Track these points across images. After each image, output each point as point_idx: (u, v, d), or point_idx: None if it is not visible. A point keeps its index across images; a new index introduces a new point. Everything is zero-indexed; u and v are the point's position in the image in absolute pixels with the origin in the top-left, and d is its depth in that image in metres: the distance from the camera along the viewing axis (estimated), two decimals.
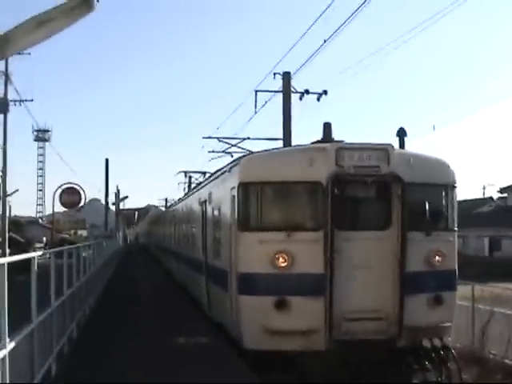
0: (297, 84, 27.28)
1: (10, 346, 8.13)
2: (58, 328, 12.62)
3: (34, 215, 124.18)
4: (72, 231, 58.87)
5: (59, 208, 38.82)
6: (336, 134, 14.99)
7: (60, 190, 35.50)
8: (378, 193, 13.99)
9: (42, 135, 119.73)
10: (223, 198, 16.00)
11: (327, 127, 14.90)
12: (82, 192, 35.70)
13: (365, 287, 13.38)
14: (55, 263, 12.76)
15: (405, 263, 13.31)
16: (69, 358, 13.80)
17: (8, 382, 7.91)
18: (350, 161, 13.48)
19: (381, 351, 13.30)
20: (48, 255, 13.26)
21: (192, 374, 12.41)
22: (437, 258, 13.92)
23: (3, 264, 7.99)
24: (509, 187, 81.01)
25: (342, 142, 14.46)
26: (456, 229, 14.78)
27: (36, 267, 10.25)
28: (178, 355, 14.33)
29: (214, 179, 19.05)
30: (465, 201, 74.29)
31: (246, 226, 13.91)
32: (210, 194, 19.14)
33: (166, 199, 79.05)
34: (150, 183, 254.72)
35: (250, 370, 12.86)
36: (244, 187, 14.00)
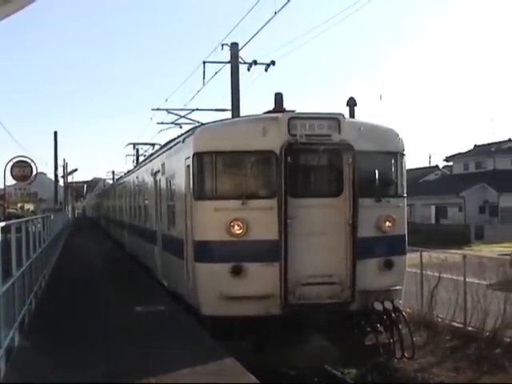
0: (246, 56, 27.38)
1: None
2: (19, 298, 12.70)
3: None
4: (19, 205, 58.13)
5: (8, 182, 38.45)
6: (286, 105, 15.20)
7: (11, 164, 35.18)
8: (329, 161, 14.27)
9: None
10: (177, 168, 16.13)
11: (278, 97, 15.03)
12: (33, 165, 35.49)
13: (318, 253, 13.66)
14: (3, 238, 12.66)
15: (356, 229, 13.63)
16: (30, 329, 13.91)
17: None
18: (302, 130, 13.72)
19: (334, 315, 13.67)
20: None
21: (153, 341, 12.64)
22: (387, 223, 14.28)
23: None
24: (454, 156, 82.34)
25: (293, 111, 14.68)
26: (405, 195, 15.19)
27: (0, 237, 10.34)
28: (137, 323, 14.50)
29: (166, 150, 19.13)
30: (411, 169, 75.33)
31: (202, 195, 14.09)
32: (162, 165, 19.25)
33: (113, 172, 78.52)
34: (98, 156, 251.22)
35: (209, 336, 13.12)
36: (199, 157, 14.15)
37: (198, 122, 23.29)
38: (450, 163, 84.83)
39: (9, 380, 10.02)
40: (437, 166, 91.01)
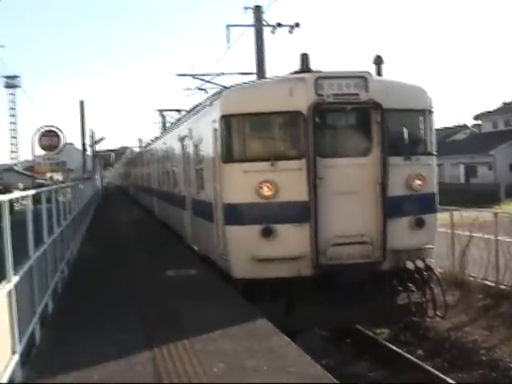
0: (272, 18, 27.32)
1: (15, 279, 8.29)
2: (51, 265, 12.76)
3: (7, 163, 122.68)
4: (48, 175, 58.70)
5: (37, 153, 38.48)
6: (313, 66, 15.02)
7: (39, 134, 35.18)
8: (357, 120, 14.15)
9: (11, 81, 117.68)
10: (205, 131, 16.06)
11: (305, 58, 14.84)
12: (60, 134, 35.39)
13: (348, 213, 13.60)
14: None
15: (386, 188, 13.56)
16: (64, 296, 14.04)
17: (15, 315, 8.07)
18: (330, 89, 13.58)
19: (366, 274, 13.64)
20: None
21: (186, 304, 12.68)
22: (417, 181, 14.13)
23: (5, 201, 8.08)
24: (483, 114, 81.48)
25: (320, 71, 14.53)
26: (435, 153, 15.01)
27: (31, 205, 10.41)
28: (170, 286, 14.59)
29: (193, 114, 19.08)
30: (440, 129, 74.72)
31: (230, 158, 14.02)
32: (190, 130, 19.18)
33: (140, 139, 78.85)
34: (125, 124, 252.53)
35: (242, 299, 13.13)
36: (226, 119, 14.06)
37: (224, 86, 23.19)
38: (479, 122, 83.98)
39: (44, 346, 10.12)
40: (465, 125, 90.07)
